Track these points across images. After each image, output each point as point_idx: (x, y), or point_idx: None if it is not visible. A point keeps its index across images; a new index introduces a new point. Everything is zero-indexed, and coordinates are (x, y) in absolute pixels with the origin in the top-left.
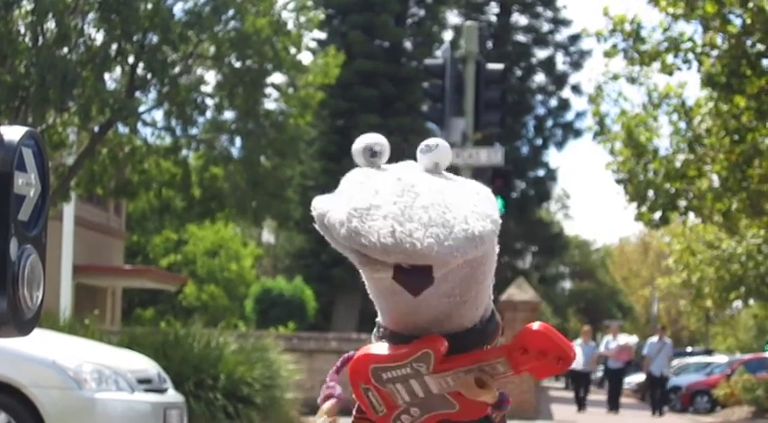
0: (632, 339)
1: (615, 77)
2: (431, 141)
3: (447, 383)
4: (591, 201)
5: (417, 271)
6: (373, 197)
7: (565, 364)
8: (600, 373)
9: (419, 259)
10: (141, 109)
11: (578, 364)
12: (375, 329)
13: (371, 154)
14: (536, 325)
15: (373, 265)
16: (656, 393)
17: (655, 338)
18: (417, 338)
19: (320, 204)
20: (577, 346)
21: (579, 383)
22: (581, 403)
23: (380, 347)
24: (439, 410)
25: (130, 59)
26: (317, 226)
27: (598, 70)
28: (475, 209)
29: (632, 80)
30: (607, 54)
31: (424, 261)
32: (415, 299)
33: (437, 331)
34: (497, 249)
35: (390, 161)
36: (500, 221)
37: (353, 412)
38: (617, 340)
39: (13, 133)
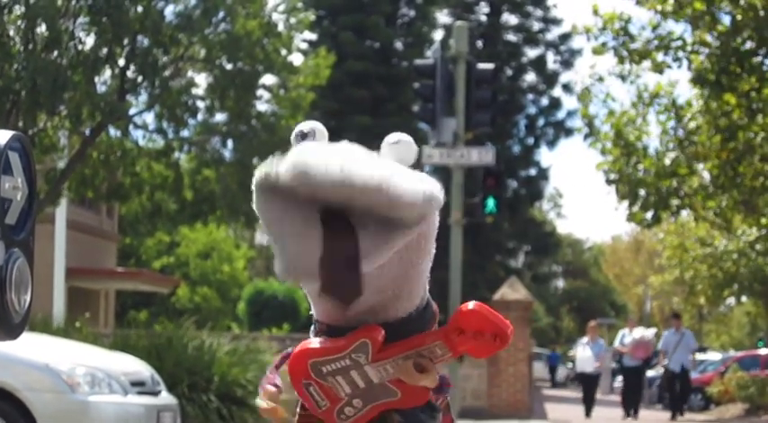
0: (650, 333)
1: (601, 79)
2: (391, 138)
3: (387, 371)
4: (583, 199)
5: (344, 279)
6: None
7: (502, 342)
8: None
9: (364, 194)
10: (132, 112)
11: (587, 365)
12: (312, 325)
13: (302, 136)
14: (470, 305)
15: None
16: (676, 392)
17: (671, 330)
18: (353, 330)
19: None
20: (584, 344)
21: (588, 386)
22: (588, 408)
23: (317, 342)
24: (381, 399)
25: (121, 62)
26: (258, 189)
27: (585, 72)
28: (425, 178)
29: (622, 78)
30: (596, 51)
31: (371, 197)
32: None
33: (372, 322)
34: (433, 248)
35: None
36: (439, 202)
37: (297, 409)
38: (633, 334)
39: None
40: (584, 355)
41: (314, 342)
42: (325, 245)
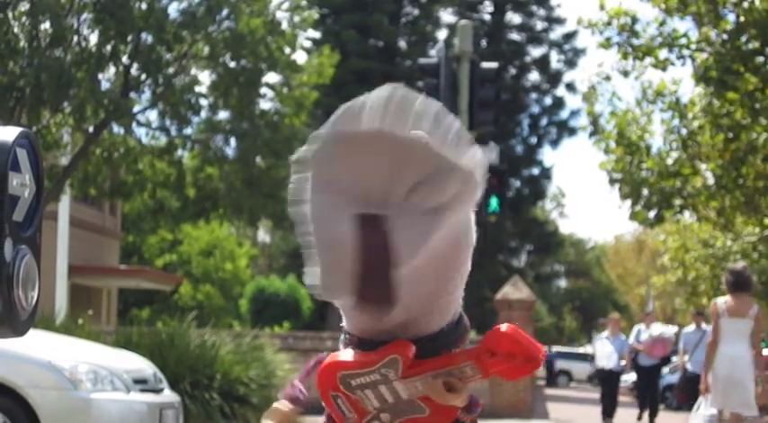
0: (669, 330)
1: (608, 78)
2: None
3: (416, 388)
4: (586, 199)
5: (377, 294)
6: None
7: (534, 366)
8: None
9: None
10: (136, 109)
11: (609, 360)
12: (342, 336)
13: None
14: (503, 327)
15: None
16: (693, 394)
17: (691, 328)
18: (385, 344)
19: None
20: (603, 339)
21: (607, 385)
22: (608, 409)
23: (348, 354)
24: (409, 415)
25: (125, 60)
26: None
27: (591, 70)
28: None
29: (625, 73)
30: (601, 46)
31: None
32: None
33: (404, 336)
34: (469, 260)
35: None
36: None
37: (324, 419)
38: (650, 330)
39: (8, 134)
40: (603, 350)
41: (344, 354)
42: (358, 257)
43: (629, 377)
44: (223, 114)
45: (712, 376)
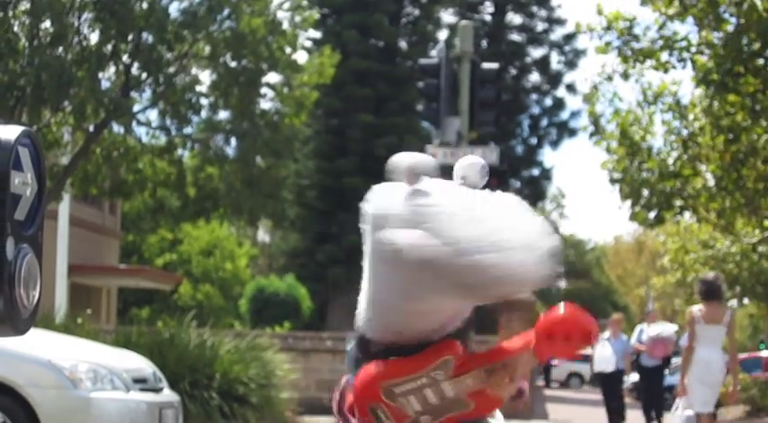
0: (669, 328)
1: (609, 78)
2: (464, 161)
3: (466, 385)
4: (586, 200)
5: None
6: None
7: (591, 340)
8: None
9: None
10: (136, 108)
11: (607, 364)
12: (353, 346)
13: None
14: (561, 310)
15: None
16: None
17: None
18: (424, 347)
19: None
20: (604, 340)
21: (609, 389)
22: (615, 414)
23: (384, 365)
24: (451, 413)
25: (125, 59)
26: (410, 263)
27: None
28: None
29: (626, 76)
30: (599, 51)
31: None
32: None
33: (438, 336)
34: None
35: (386, 159)
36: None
37: None
38: (650, 330)
39: (9, 132)
40: (603, 352)
41: (381, 365)
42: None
43: (629, 378)
44: (223, 114)
45: (688, 379)
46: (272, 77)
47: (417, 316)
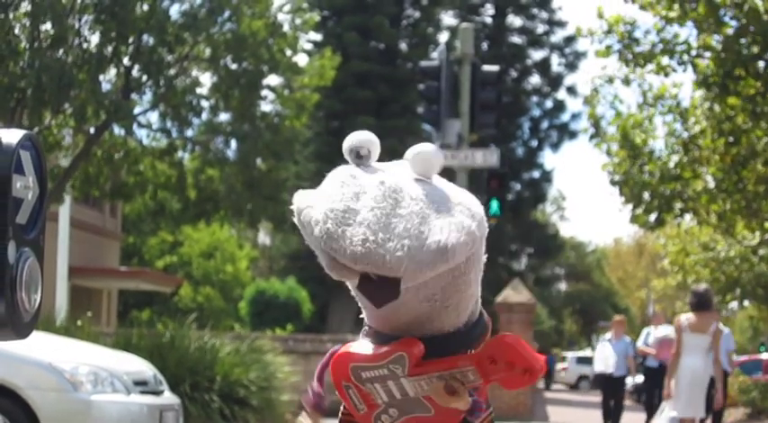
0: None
1: (610, 80)
2: (415, 149)
3: (422, 387)
4: (586, 202)
5: (383, 283)
6: (352, 200)
7: (531, 378)
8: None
9: (387, 272)
10: (137, 111)
11: (608, 365)
12: (363, 328)
13: (357, 156)
14: (506, 337)
15: (340, 270)
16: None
17: None
18: (398, 338)
19: (300, 200)
20: (606, 341)
21: (609, 391)
22: (611, 418)
23: (360, 346)
24: (416, 413)
25: (126, 61)
26: (294, 220)
27: (594, 72)
28: (452, 220)
29: (627, 82)
30: (600, 54)
31: (392, 274)
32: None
33: (417, 333)
34: (484, 257)
35: (387, 161)
36: (481, 232)
37: (341, 409)
38: (657, 332)
39: (11, 136)
40: (603, 352)
41: (357, 346)
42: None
43: (634, 379)
44: (224, 116)
45: (675, 384)
46: (273, 80)
47: (370, 308)
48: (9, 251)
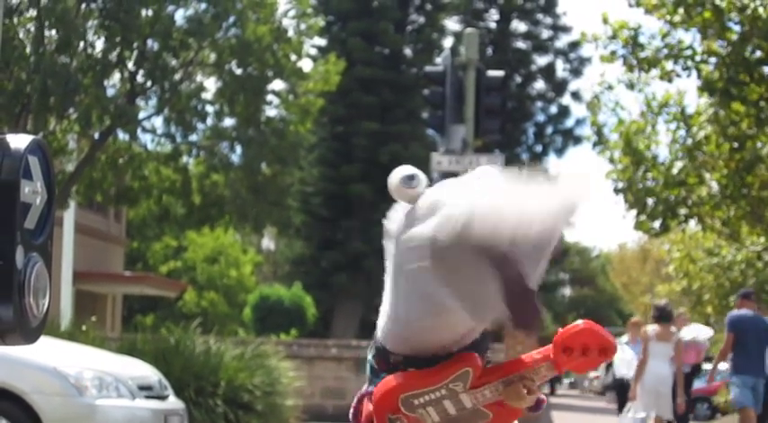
0: (704, 333)
1: (611, 87)
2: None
3: (483, 396)
4: (591, 207)
5: (528, 311)
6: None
7: (608, 356)
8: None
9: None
10: (141, 116)
11: (629, 368)
12: (372, 355)
13: (409, 178)
14: (579, 323)
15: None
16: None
17: None
18: (442, 359)
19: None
20: (623, 344)
21: (624, 395)
22: None
23: (404, 377)
24: None
25: (131, 66)
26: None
27: (595, 80)
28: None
29: (631, 86)
30: (605, 60)
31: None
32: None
33: (456, 349)
34: None
35: (391, 166)
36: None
37: None
38: (681, 334)
39: (20, 142)
40: (623, 356)
41: (399, 378)
42: (503, 284)
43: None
44: (229, 121)
45: (640, 387)
46: (278, 85)
47: (438, 330)
48: (17, 256)
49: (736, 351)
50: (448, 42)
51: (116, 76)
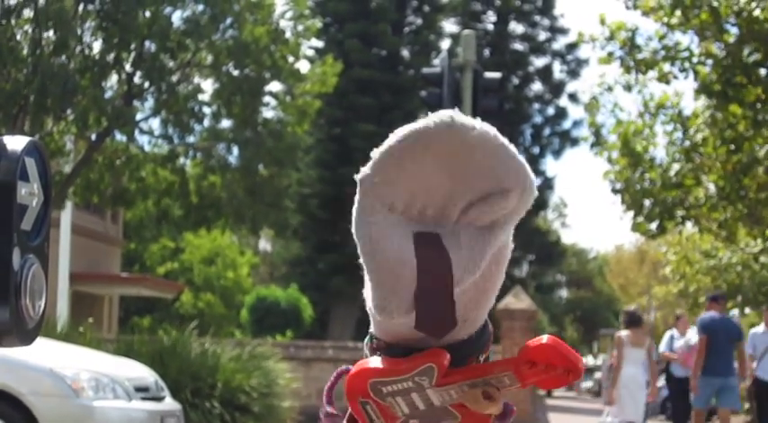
0: None
1: (609, 89)
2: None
3: (450, 396)
4: (588, 209)
5: (439, 315)
6: None
7: (574, 377)
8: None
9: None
10: (138, 117)
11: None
12: (367, 339)
13: None
14: (544, 338)
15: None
16: (766, 407)
17: (760, 328)
18: (416, 351)
19: None
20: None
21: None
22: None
23: (378, 362)
24: (439, 422)
25: (128, 68)
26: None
27: (593, 81)
28: None
29: (628, 88)
30: (602, 61)
31: None
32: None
33: (436, 344)
34: (503, 273)
35: None
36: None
37: None
38: (686, 338)
39: (16, 143)
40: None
41: (374, 362)
42: (419, 278)
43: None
44: (226, 123)
45: (618, 393)
46: (275, 86)
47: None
48: (14, 258)
49: (706, 352)
50: (445, 44)
51: (113, 77)
